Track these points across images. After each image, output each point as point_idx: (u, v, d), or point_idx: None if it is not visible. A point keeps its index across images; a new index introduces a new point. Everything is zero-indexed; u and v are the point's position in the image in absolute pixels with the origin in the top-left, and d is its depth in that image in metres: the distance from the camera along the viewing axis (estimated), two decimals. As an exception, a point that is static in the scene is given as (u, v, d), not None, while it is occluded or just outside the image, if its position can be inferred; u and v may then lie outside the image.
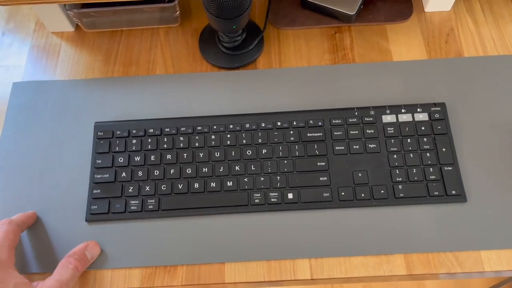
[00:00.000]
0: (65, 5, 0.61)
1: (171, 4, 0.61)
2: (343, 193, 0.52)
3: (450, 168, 0.53)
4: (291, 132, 0.56)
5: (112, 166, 0.55)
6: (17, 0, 0.56)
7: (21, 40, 0.66)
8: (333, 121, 0.56)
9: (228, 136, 0.56)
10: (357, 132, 0.55)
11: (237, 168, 0.54)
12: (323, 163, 0.54)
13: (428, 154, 0.54)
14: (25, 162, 0.56)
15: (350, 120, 0.56)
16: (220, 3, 0.50)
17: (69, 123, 0.58)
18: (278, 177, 0.53)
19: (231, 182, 0.53)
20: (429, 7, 0.65)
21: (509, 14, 0.65)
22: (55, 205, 0.54)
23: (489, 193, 0.52)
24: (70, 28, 0.66)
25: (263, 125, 0.56)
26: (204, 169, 0.54)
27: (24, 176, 0.56)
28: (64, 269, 0.47)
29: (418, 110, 0.56)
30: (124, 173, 0.54)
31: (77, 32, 0.66)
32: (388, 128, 0.55)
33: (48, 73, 0.63)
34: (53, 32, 0.66)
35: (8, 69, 0.63)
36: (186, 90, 0.60)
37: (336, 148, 0.55)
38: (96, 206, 0.53)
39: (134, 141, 0.56)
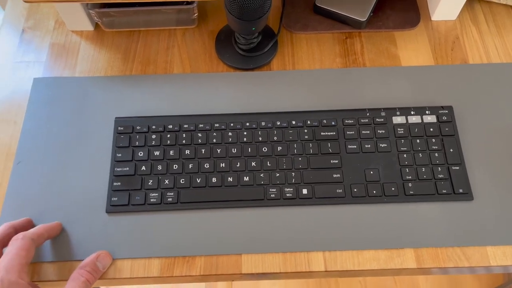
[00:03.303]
0: (87, 4, 0.63)
1: (190, 6, 0.64)
2: (355, 190, 0.55)
3: (457, 167, 0.56)
4: (305, 130, 0.58)
5: (132, 160, 0.56)
6: (43, -2, 0.58)
7: (41, 38, 0.68)
8: (346, 121, 0.58)
9: (245, 133, 0.58)
10: (368, 132, 0.58)
11: (253, 164, 0.56)
12: (336, 161, 0.56)
13: (436, 154, 0.56)
14: (46, 155, 0.58)
15: (362, 120, 0.58)
16: (242, 5, 0.53)
17: (89, 118, 0.60)
18: (293, 173, 0.56)
19: (247, 177, 0.55)
20: (435, 16, 0.68)
21: (511, 24, 0.68)
22: (76, 197, 0.55)
23: (495, 192, 0.55)
24: (89, 27, 0.68)
25: (278, 123, 0.58)
26: (221, 164, 0.56)
27: (45, 169, 0.57)
28: (76, 282, 0.47)
29: (427, 112, 0.59)
30: (144, 166, 0.56)
31: (96, 31, 0.68)
32: (398, 129, 0.58)
33: (68, 69, 0.65)
34: (72, 31, 0.68)
35: (29, 65, 0.65)
36: (203, 89, 0.62)
37: (349, 147, 0.57)
38: (116, 198, 0.54)
39: (153, 136, 0.58)
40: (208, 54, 0.66)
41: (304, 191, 0.55)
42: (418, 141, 0.57)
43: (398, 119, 0.58)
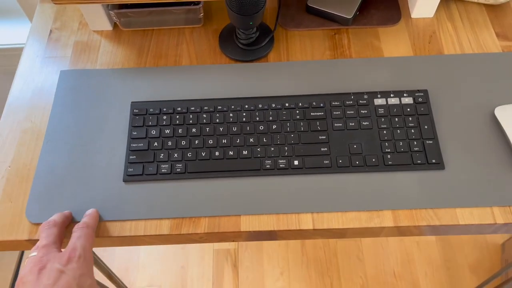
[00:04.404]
0: (107, 5, 0.73)
1: (196, 7, 0.73)
2: (340, 161, 0.62)
3: (431, 142, 0.63)
4: (297, 111, 0.66)
5: (145, 137, 0.65)
6: (71, 0, 0.67)
7: (66, 37, 0.77)
8: (333, 103, 0.66)
9: (244, 114, 0.66)
10: (352, 112, 0.66)
11: (251, 140, 0.64)
12: (324, 137, 0.64)
13: (412, 130, 0.64)
14: (71, 135, 0.66)
15: (347, 102, 0.66)
16: (240, 1, 0.62)
17: (108, 103, 0.69)
18: (286, 148, 0.63)
19: (246, 151, 0.63)
20: (415, 14, 0.76)
21: (483, 20, 0.76)
22: (98, 169, 0.63)
23: (463, 162, 0.62)
24: (109, 27, 0.77)
25: (274, 105, 0.67)
26: (223, 141, 0.64)
27: (70, 146, 0.65)
28: None
29: (405, 95, 0.67)
30: (156, 142, 0.64)
31: (115, 31, 0.78)
32: (379, 109, 0.66)
33: (90, 63, 0.74)
34: (94, 31, 0.78)
35: (56, 60, 0.74)
36: (208, 78, 0.71)
37: (335, 124, 0.65)
38: (132, 169, 0.63)
39: (164, 117, 0.66)
40: (213, 49, 0.75)
41: (296, 162, 0.62)
42: (396, 119, 0.65)
43: (379, 101, 0.66)
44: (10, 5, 1.10)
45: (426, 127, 0.64)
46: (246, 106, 0.67)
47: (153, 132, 0.65)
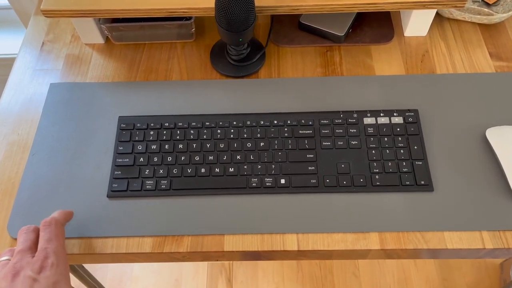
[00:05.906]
0: (99, 19, 0.73)
1: (188, 22, 0.73)
2: (328, 180, 0.61)
3: (420, 162, 0.62)
4: (286, 129, 0.65)
5: (132, 153, 0.64)
6: (61, 13, 0.67)
7: (58, 49, 0.77)
8: (322, 121, 0.66)
9: (232, 130, 0.65)
10: (341, 131, 0.65)
11: (238, 157, 0.63)
12: (311, 155, 0.63)
13: (401, 151, 0.63)
14: (57, 148, 0.66)
15: (336, 121, 0.66)
16: (229, 18, 0.61)
17: (96, 117, 0.68)
18: (273, 166, 0.63)
19: (232, 169, 0.63)
20: (408, 32, 0.76)
21: (477, 39, 0.75)
22: (82, 183, 0.63)
23: (453, 184, 0.61)
24: (101, 41, 0.77)
25: (262, 122, 0.66)
26: (210, 157, 0.63)
27: (56, 160, 0.65)
28: None
29: (395, 114, 0.66)
30: (141, 158, 0.64)
31: (107, 44, 0.77)
32: (368, 128, 0.65)
33: (80, 76, 0.74)
34: (86, 44, 0.78)
35: (47, 72, 0.74)
36: (198, 93, 0.71)
37: (323, 143, 0.64)
38: (116, 185, 0.62)
39: (151, 132, 0.66)
40: (204, 64, 0.74)
41: (282, 181, 0.61)
42: (385, 139, 0.64)
43: (368, 120, 0.65)
44: (8, 16, 1.11)
45: (415, 147, 0.63)
46: (234, 123, 0.66)
47: (140, 147, 0.65)
